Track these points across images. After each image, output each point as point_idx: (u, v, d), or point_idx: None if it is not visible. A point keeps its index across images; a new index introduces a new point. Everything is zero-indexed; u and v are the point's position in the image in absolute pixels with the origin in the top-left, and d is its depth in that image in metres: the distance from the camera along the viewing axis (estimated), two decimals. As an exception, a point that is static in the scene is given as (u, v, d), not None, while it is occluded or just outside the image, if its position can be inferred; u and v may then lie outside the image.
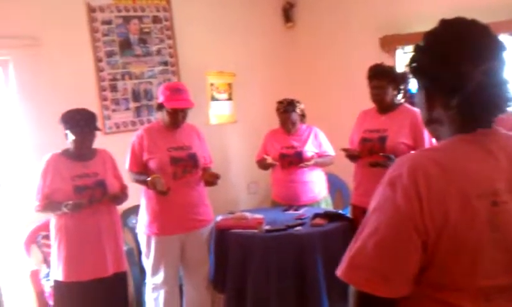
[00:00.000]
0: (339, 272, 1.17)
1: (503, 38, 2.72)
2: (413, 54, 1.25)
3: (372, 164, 3.18)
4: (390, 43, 4.39)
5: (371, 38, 4.47)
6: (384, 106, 3.43)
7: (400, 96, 3.49)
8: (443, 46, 1.18)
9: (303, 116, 4.06)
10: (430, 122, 1.27)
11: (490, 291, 1.13)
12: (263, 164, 4.03)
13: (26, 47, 3.74)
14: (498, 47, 1.18)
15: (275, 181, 4.11)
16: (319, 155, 3.99)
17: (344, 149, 3.53)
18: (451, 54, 1.16)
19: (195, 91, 3.63)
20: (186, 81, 4.13)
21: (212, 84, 4.77)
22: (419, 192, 1.10)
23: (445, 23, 1.21)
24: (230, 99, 4.91)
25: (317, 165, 3.97)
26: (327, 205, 4.06)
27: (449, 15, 1.22)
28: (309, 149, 3.96)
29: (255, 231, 3.30)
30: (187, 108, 3.38)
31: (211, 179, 3.43)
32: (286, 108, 3.97)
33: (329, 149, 4.06)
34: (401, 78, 3.46)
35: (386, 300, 1.13)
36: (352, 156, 3.51)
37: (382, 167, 3.01)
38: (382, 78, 3.36)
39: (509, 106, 1.19)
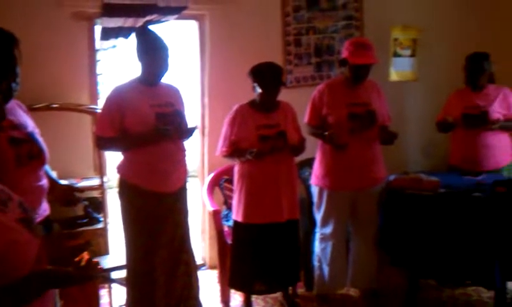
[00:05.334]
0: None
1: None
2: None
3: None
4: None
5: None
6: None
7: None
8: None
9: (492, 75, 3.78)
10: None
11: None
12: (443, 125, 3.85)
13: (223, 2, 4.02)
14: None
15: (455, 143, 3.91)
16: (506, 118, 3.70)
17: None
18: None
19: (377, 46, 3.58)
20: (369, 36, 4.09)
21: (395, 40, 4.63)
22: None
23: None
24: (413, 55, 4.73)
25: (503, 129, 3.69)
26: (510, 173, 3.76)
27: None
28: (496, 111, 3.67)
29: (430, 193, 3.24)
30: (370, 64, 3.37)
31: (388, 137, 3.40)
32: (475, 55, 3.74)
33: None
34: None
35: None
36: None
37: None
38: None
39: None
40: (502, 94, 3.74)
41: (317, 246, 3.61)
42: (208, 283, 4.01)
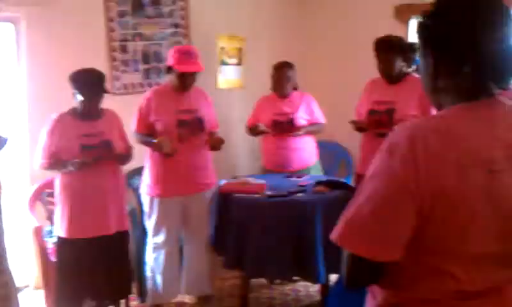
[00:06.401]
0: (333, 235, 1.18)
1: None
2: (423, 20, 1.23)
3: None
4: (404, 12, 4.35)
5: (386, 6, 4.45)
6: (393, 77, 3.42)
7: (407, 67, 3.44)
8: (456, 12, 1.16)
9: (295, 83, 4.04)
10: (434, 91, 1.25)
11: (480, 259, 1.14)
12: (254, 131, 4.01)
13: (38, 3, 3.76)
14: (508, 14, 1.16)
15: (266, 148, 4.10)
16: (310, 123, 3.98)
17: (352, 122, 3.53)
18: (465, 20, 1.14)
19: (205, 54, 3.64)
20: (196, 44, 4.14)
21: (222, 48, 4.76)
22: (417, 159, 1.09)
23: None
24: (239, 64, 4.91)
25: (308, 133, 3.97)
26: (317, 172, 4.07)
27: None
28: (301, 116, 3.93)
29: (257, 196, 3.36)
30: (196, 72, 3.41)
31: (216, 143, 3.48)
32: (282, 64, 3.95)
33: (320, 117, 4.03)
34: (409, 49, 3.43)
35: (377, 264, 1.15)
36: (360, 128, 3.52)
37: None
38: (389, 51, 3.34)
39: None
40: (305, 101, 4.00)
41: (150, 256, 3.54)
42: (34, 305, 3.71)
